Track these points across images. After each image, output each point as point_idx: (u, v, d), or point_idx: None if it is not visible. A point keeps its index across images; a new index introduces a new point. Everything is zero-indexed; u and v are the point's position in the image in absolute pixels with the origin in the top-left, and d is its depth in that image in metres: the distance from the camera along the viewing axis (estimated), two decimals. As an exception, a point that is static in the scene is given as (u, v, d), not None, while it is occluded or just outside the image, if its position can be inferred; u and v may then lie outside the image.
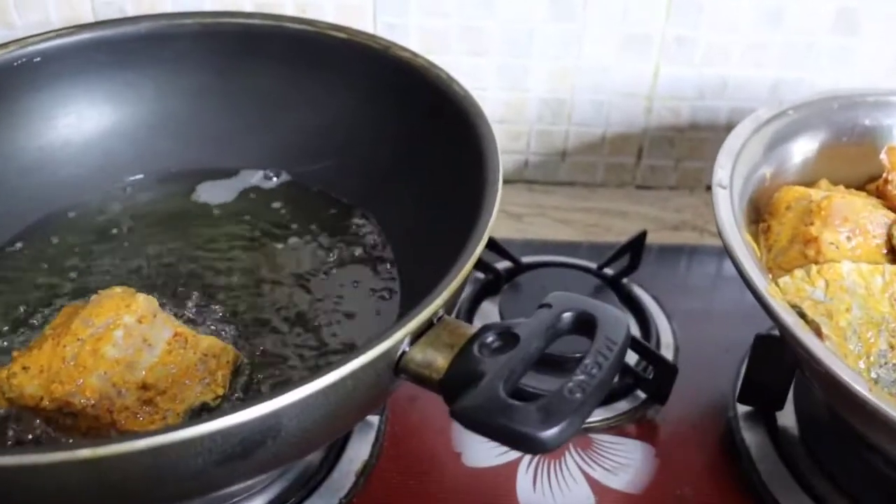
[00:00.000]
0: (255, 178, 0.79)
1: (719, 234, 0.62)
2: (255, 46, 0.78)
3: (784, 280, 0.64)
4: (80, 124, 0.78)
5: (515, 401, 0.47)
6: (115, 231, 0.76)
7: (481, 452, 0.71)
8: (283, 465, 0.63)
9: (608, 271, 0.82)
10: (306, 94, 0.78)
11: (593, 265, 0.82)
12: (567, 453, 0.71)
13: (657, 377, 0.73)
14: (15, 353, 0.63)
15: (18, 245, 0.74)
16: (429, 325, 0.52)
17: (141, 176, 0.80)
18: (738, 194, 0.67)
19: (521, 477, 0.69)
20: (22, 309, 0.69)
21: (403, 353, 0.51)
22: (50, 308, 0.69)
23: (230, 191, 0.79)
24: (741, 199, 0.68)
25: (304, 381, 0.46)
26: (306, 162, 0.78)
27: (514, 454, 0.71)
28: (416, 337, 0.51)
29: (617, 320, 0.51)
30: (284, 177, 0.80)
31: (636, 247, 0.82)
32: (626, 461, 0.71)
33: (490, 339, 0.51)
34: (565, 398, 0.46)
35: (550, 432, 0.45)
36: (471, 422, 0.47)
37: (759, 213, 0.71)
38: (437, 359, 0.51)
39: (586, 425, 0.72)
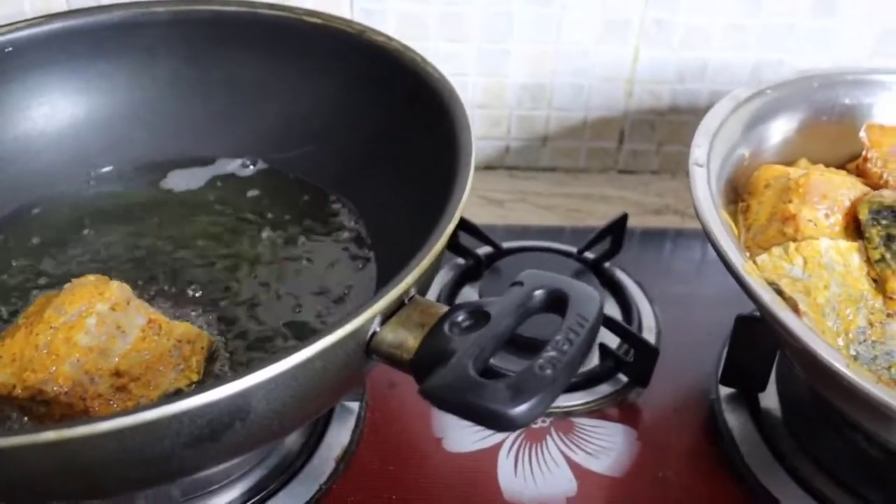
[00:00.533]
0: (231, 166, 0.79)
1: (696, 213, 0.61)
2: (229, 33, 0.77)
3: (762, 258, 0.64)
4: (54, 115, 0.77)
5: (485, 379, 0.46)
6: (89, 221, 0.75)
7: (462, 437, 0.70)
8: (256, 447, 0.62)
9: (589, 255, 0.82)
10: (282, 80, 0.77)
11: (574, 249, 0.82)
12: (548, 437, 0.70)
13: (638, 360, 0.73)
14: (-14, 344, 0.63)
15: (-4, 234, 0.74)
16: (399, 305, 0.51)
17: (115, 166, 0.79)
18: (716, 174, 0.67)
19: (502, 461, 0.69)
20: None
21: (374, 333, 0.50)
22: (24, 299, 0.69)
23: (206, 179, 0.78)
24: (719, 178, 0.67)
25: (270, 360, 0.45)
26: (283, 149, 0.78)
27: (494, 439, 0.70)
28: (387, 317, 0.51)
29: (589, 297, 0.51)
30: (261, 164, 0.79)
31: (617, 230, 0.81)
32: (607, 445, 0.70)
33: (461, 317, 0.51)
34: (535, 375, 0.46)
35: (520, 409, 0.45)
36: (440, 400, 0.47)
37: (737, 194, 0.71)
38: (408, 339, 0.50)
39: (567, 409, 0.72)
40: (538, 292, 0.51)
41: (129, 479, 0.51)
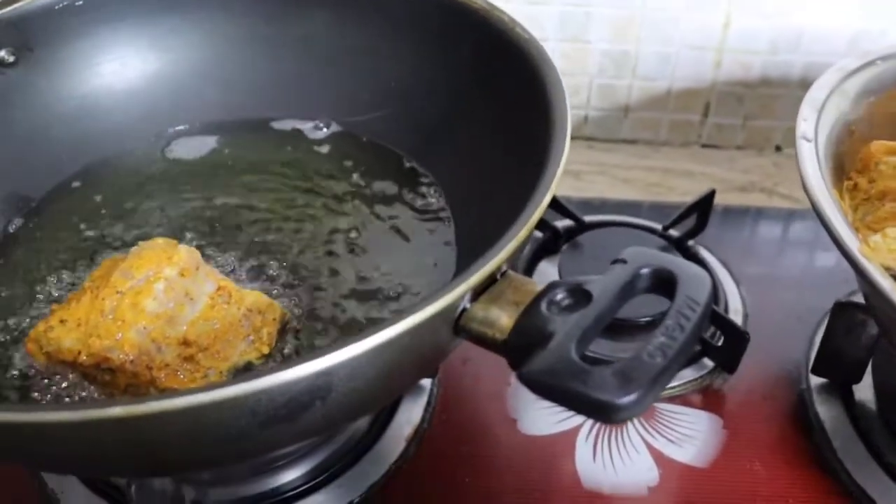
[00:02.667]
0: (304, 128, 0.76)
1: (805, 191, 0.57)
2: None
3: (874, 239, 0.59)
4: (124, 72, 0.74)
5: (588, 364, 0.43)
6: (156, 182, 0.72)
7: (538, 419, 0.67)
8: (330, 430, 0.59)
9: (673, 232, 0.78)
10: (358, 40, 0.74)
11: (658, 226, 0.78)
12: (629, 422, 0.67)
13: (727, 345, 0.69)
14: (53, 307, 0.60)
15: (61, 192, 0.71)
16: (492, 281, 0.48)
17: (185, 126, 0.76)
18: (823, 149, 0.62)
19: (580, 446, 0.66)
20: (62, 261, 0.66)
21: (464, 310, 0.47)
22: (90, 261, 0.66)
23: (278, 141, 0.75)
24: (825, 154, 0.63)
25: (357, 337, 0.42)
26: (357, 112, 0.74)
27: (572, 422, 0.67)
28: (478, 293, 0.47)
29: (699, 278, 0.47)
30: (335, 127, 0.75)
31: (703, 207, 0.77)
32: (691, 432, 0.67)
33: (559, 296, 0.47)
34: (645, 362, 0.42)
35: (629, 399, 0.41)
36: (541, 387, 0.43)
37: (843, 170, 0.66)
38: (501, 317, 0.47)
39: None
40: (644, 271, 0.47)
41: (198, 458, 0.48)
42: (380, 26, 0.72)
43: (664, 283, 0.47)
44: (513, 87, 0.63)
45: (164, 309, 0.58)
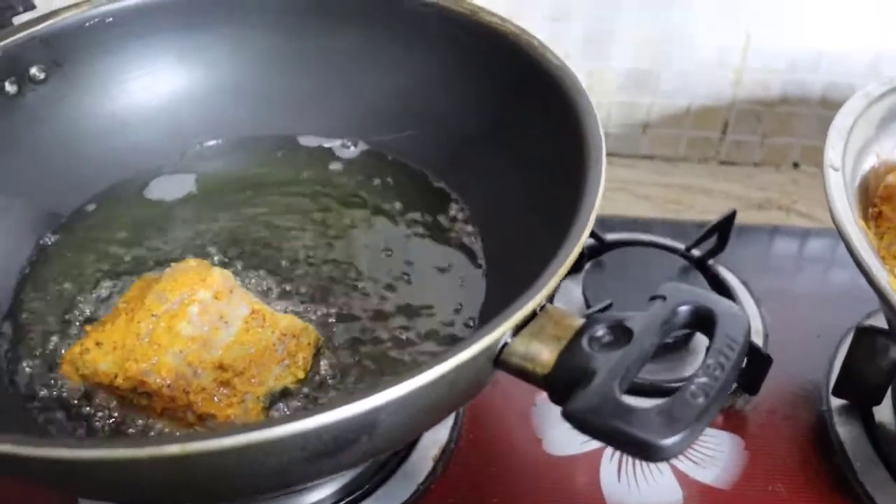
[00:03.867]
0: (332, 145, 0.76)
1: (834, 222, 0.58)
2: (331, 6, 0.74)
3: (902, 271, 0.60)
4: (152, 88, 0.74)
5: (632, 403, 0.43)
6: (185, 199, 0.73)
7: (563, 440, 0.68)
8: (373, 458, 0.60)
9: (694, 252, 0.78)
10: (383, 57, 0.74)
11: (679, 245, 0.78)
12: (652, 444, 0.68)
13: (749, 366, 0.69)
14: (88, 328, 0.61)
15: (89, 209, 0.72)
16: (532, 315, 0.48)
17: (214, 142, 0.77)
18: (849, 177, 0.63)
19: (604, 466, 0.66)
20: (92, 279, 0.67)
21: (505, 344, 0.47)
22: (120, 279, 0.66)
23: (305, 158, 0.75)
24: (851, 181, 0.63)
25: (405, 376, 0.43)
26: (383, 131, 0.74)
27: (596, 443, 0.68)
28: (519, 327, 0.48)
29: (737, 317, 0.47)
30: (362, 146, 0.76)
31: (724, 227, 0.78)
32: (714, 453, 0.67)
33: (600, 332, 0.48)
34: (688, 402, 0.43)
35: (672, 440, 0.42)
36: (585, 424, 0.44)
37: (868, 198, 0.67)
38: (543, 352, 0.47)
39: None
40: (682, 308, 0.48)
41: (242, 489, 0.49)
42: (405, 44, 0.73)
43: (702, 321, 0.48)
44: (543, 112, 0.63)
45: (198, 332, 0.58)
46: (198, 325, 0.58)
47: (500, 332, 0.46)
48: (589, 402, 0.44)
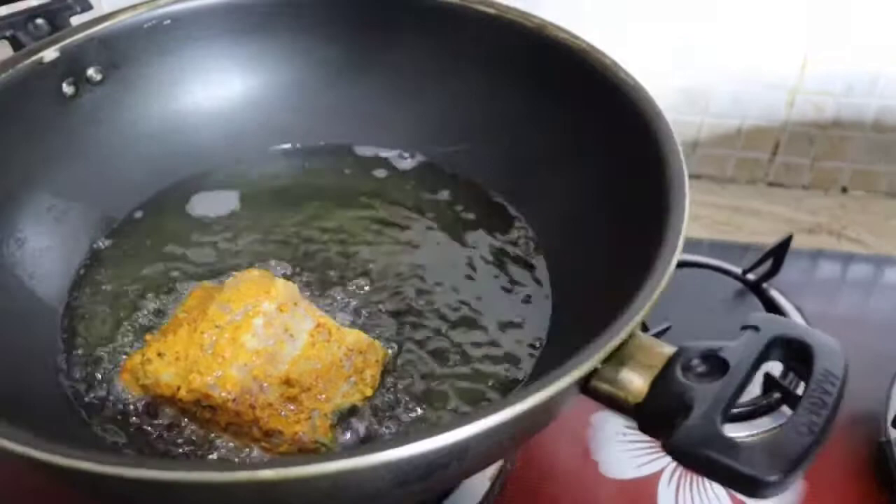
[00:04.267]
0: (388, 156, 0.75)
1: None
2: (393, 17, 0.73)
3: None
4: (209, 93, 0.73)
5: (735, 437, 0.43)
6: (240, 206, 0.72)
7: (620, 462, 0.67)
8: (458, 482, 0.59)
9: (750, 276, 0.77)
10: (444, 70, 0.73)
11: (734, 268, 0.77)
12: (709, 470, 0.67)
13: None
14: (148, 337, 0.59)
15: (138, 216, 0.71)
16: (623, 342, 0.47)
17: (268, 148, 0.76)
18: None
19: (662, 491, 0.66)
20: (146, 286, 0.65)
21: (594, 370, 0.46)
22: (175, 286, 0.65)
23: (361, 168, 0.74)
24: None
25: (499, 405, 0.42)
26: (442, 143, 0.73)
27: (653, 467, 0.67)
28: (609, 354, 0.47)
29: (834, 351, 0.46)
30: (419, 157, 0.74)
31: (780, 251, 0.77)
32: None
33: (694, 361, 0.47)
34: (793, 439, 0.42)
35: (778, 476, 0.41)
36: (689, 458, 0.43)
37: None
38: (634, 380, 0.46)
39: (730, 440, 0.68)
40: (777, 341, 0.47)
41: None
42: (469, 57, 0.71)
43: (798, 354, 0.47)
44: (615, 133, 0.62)
45: (263, 346, 0.57)
46: (263, 339, 0.57)
47: (596, 359, 0.45)
48: (692, 435, 0.43)
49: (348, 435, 0.56)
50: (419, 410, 0.57)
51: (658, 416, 0.45)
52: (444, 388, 0.59)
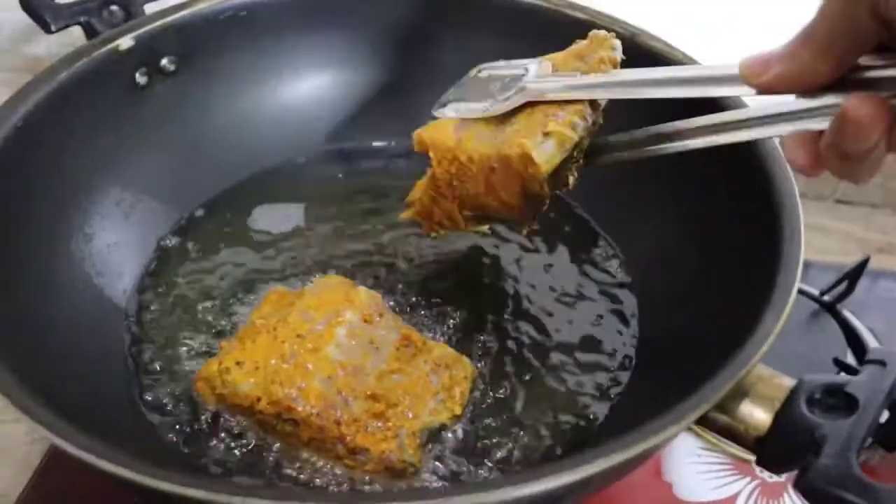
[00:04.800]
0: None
1: None
2: (479, 17, 0.71)
3: None
4: (281, 87, 0.72)
5: (871, 479, 0.41)
6: (308, 205, 0.70)
7: (694, 485, 0.65)
8: None
9: (826, 297, 0.75)
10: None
11: (811, 289, 0.75)
12: (785, 494, 0.65)
13: (891, 421, 0.66)
14: (223, 344, 0.57)
15: (208, 213, 0.69)
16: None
17: (337, 146, 0.74)
18: None
19: (738, 514, 0.64)
20: (217, 287, 0.64)
21: (711, 402, 0.45)
22: (248, 289, 0.63)
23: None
24: None
25: (632, 440, 0.40)
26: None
27: (729, 490, 0.65)
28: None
29: (968, 388, 0.45)
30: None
31: (857, 273, 0.75)
32: (849, 510, 0.64)
33: (818, 395, 0.45)
34: (933, 483, 0.40)
35: (917, 523, 0.39)
36: (823, 498, 0.41)
37: None
38: (755, 412, 0.45)
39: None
40: (908, 377, 0.45)
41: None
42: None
43: (930, 391, 0.45)
44: (719, 157, 0.59)
45: (348, 358, 0.55)
46: (347, 350, 0.55)
47: (719, 396, 0.43)
48: (828, 474, 0.41)
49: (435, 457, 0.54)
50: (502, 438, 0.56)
51: (784, 451, 0.44)
52: (529, 405, 0.57)
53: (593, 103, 0.53)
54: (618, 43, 0.55)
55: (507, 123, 0.54)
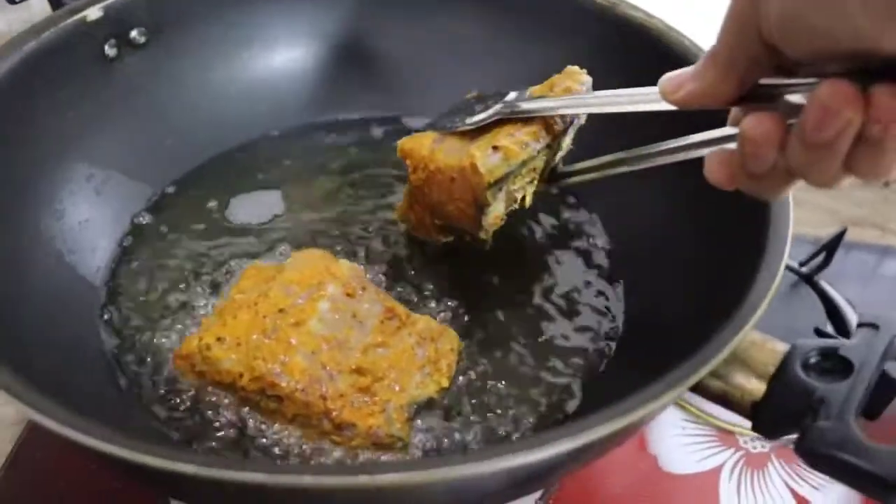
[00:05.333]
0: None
1: None
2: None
3: None
4: (253, 62, 0.71)
5: (870, 441, 0.41)
6: (283, 180, 0.68)
7: (680, 458, 0.65)
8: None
9: (803, 268, 0.75)
10: (512, 47, 0.70)
11: (790, 261, 0.75)
12: (770, 464, 0.65)
13: (876, 391, 0.67)
14: (204, 321, 0.56)
15: (180, 189, 0.67)
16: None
17: (314, 120, 0.72)
18: None
19: (723, 486, 0.64)
20: (193, 263, 0.62)
21: (707, 368, 0.44)
22: (222, 265, 0.62)
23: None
24: None
25: (625, 407, 0.39)
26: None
27: (713, 462, 0.65)
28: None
29: (959, 351, 0.45)
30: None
31: (833, 245, 0.75)
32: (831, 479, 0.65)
33: (814, 359, 0.45)
34: (932, 444, 0.40)
35: (918, 483, 0.39)
36: (823, 460, 0.41)
37: None
38: (751, 378, 0.45)
39: (788, 437, 0.66)
40: (901, 339, 0.45)
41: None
42: (537, 34, 0.68)
43: (923, 354, 0.45)
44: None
45: (331, 332, 0.54)
46: (330, 324, 0.54)
47: (714, 363, 0.42)
48: (827, 437, 0.41)
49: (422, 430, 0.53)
50: (491, 411, 0.55)
51: (780, 415, 0.44)
52: (516, 378, 0.56)
53: (549, 128, 0.57)
54: (587, 79, 0.59)
55: (476, 139, 0.57)
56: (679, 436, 0.67)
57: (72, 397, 0.44)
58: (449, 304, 0.60)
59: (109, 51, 0.63)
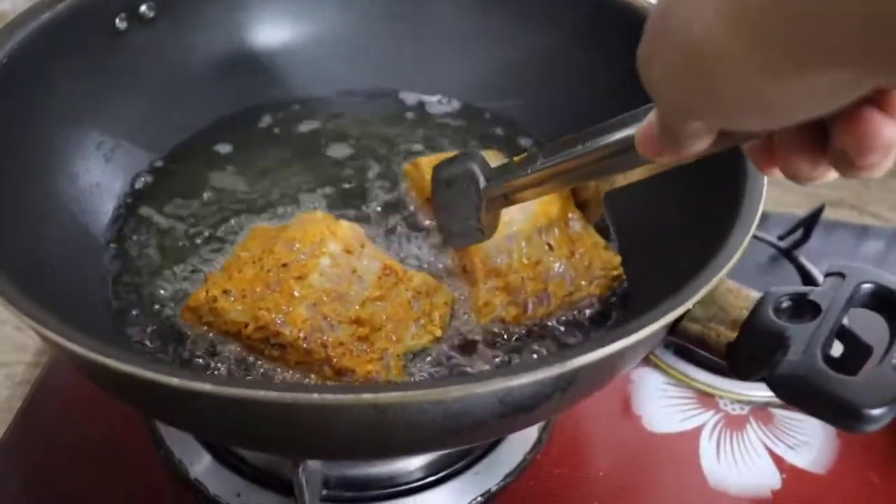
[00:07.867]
0: (429, 102, 0.75)
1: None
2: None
3: None
4: (257, 37, 0.73)
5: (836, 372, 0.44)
6: (284, 147, 0.71)
7: (663, 417, 0.69)
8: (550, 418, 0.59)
9: (781, 243, 0.79)
10: (496, 20, 0.72)
11: (768, 236, 0.79)
12: (748, 426, 0.68)
13: (847, 355, 0.70)
14: (209, 275, 0.59)
15: (185, 154, 0.70)
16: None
17: (313, 92, 0.75)
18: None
19: (704, 446, 0.67)
20: (196, 222, 0.65)
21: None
22: (224, 223, 0.65)
23: (409, 116, 0.74)
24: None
25: (612, 337, 0.42)
26: (490, 97, 0.73)
27: (694, 422, 0.68)
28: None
29: (919, 296, 0.48)
30: (457, 104, 0.74)
31: (811, 221, 0.78)
32: (807, 438, 0.68)
33: (785, 303, 0.48)
34: (891, 375, 0.43)
35: (881, 410, 0.42)
36: (794, 389, 0.44)
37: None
38: (725, 320, 0.48)
39: (767, 399, 0.69)
40: (864, 287, 0.48)
41: (421, 445, 0.48)
42: (519, 7, 0.71)
43: (883, 300, 0.48)
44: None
45: (332, 286, 0.56)
46: (331, 278, 0.57)
47: (692, 301, 0.45)
48: (797, 369, 0.44)
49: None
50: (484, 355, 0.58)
51: (753, 354, 0.46)
52: (507, 328, 0.59)
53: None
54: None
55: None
56: (662, 398, 0.70)
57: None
58: (445, 264, 0.63)
59: (120, 24, 0.65)
